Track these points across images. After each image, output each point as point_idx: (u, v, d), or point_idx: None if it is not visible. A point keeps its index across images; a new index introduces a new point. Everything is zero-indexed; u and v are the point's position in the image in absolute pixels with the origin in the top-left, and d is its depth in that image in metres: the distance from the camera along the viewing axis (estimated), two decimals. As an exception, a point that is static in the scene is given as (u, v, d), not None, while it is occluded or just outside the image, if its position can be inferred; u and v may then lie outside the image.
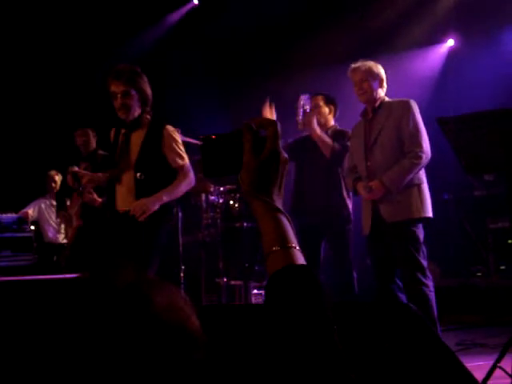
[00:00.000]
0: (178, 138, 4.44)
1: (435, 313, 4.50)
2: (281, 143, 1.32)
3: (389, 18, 7.77)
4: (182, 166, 4.36)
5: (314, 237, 5.46)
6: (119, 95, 4.25)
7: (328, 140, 5.42)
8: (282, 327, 1.12)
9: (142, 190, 4.24)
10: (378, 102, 4.82)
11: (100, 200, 4.95)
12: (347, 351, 1.15)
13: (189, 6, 8.85)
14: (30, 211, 7.68)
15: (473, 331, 5.72)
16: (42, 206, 7.89)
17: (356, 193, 4.90)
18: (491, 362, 3.53)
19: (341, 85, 6.89)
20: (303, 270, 1.20)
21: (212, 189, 6.10)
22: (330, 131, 5.56)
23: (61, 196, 7.80)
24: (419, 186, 4.68)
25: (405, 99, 4.80)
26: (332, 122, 5.64)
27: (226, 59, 8.54)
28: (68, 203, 7.47)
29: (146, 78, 4.37)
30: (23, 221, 7.42)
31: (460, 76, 7.42)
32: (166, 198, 4.27)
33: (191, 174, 4.42)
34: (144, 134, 4.35)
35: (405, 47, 7.70)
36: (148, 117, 4.37)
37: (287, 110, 5.73)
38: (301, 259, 1.23)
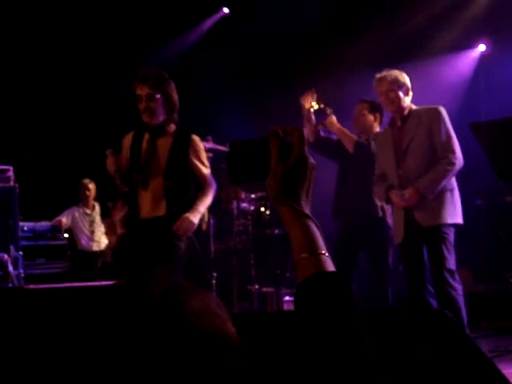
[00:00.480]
0: (203, 147, 4.46)
1: (464, 316, 4.51)
2: (307, 149, 1.32)
3: (419, 24, 7.74)
4: (207, 176, 4.40)
5: (352, 244, 5.45)
6: (144, 98, 4.21)
7: (350, 134, 5.47)
8: (312, 335, 1.12)
9: (172, 198, 4.25)
10: (407, 111, 4.81)
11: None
12: (382, 358, 1.15)
13: (219, 15, 8.89)
14: (64, 219, 7.77)
15: (506, 338, 5.65)
16: (76, 214, 7.96)
17: (388, 201, 4.88)
18: (525, 369, 3.50)
19: (370, 90, 6.88)
20: (333, 277, 1.20)
21: (243, 196, 6.13)
22: (370, 137, 5.54)
23: (103, 202, 7.86)
24: (452, 191, 4.69)
25: (433, 106, 4.79)
26: (377, 129, 5.62)
27: (256, 67, 8.56)
28: (110, 208, 7.50)
29: (173, 84, 4.34)
30: (57, 229, 7.50)
31: (491, 81, 7.36)
32: (202, 210, 4.33)
33: (214, 184, 4.46)
34: (171, 141, 4.33)
35: (435, 53, 7.66)
36: (173, 125, 4.37)
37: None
38: (330, 266, 1.22)
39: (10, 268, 5.82)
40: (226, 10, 8.86)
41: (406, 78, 4.83)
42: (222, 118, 7.74)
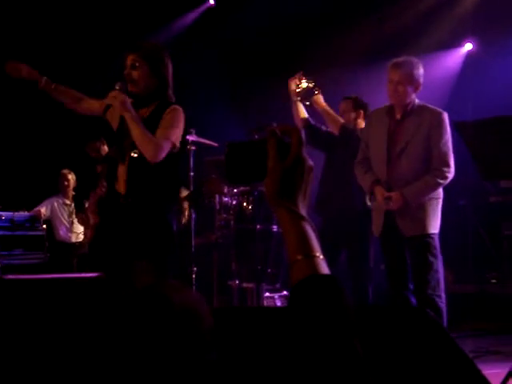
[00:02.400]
0: (180, 117, 3.95)
1: (444, 318, 4.50)
2: (305, 150, 1.31)
3: (407, 21, 7.73)
4: (161, 139, 3.82)
5: (335, 241, 5.41)
6: (128, 66, 3.92)
7: (336, 115, 5.43)
8: (305, 337, 1.12)
9: (136, 170, 3.87)
10: (410, 106, 4.69)
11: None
12: (366, 356, 1.15)
13: (204, 7, 8.83)
14: (43, 210, 7.69)
15: (487, 338, 5.67)
16: (55, 204, 7.89)
17: (371, 195, 4.78)
18: (506, 370, 3.51)
19: (358, 86, 6.86)
20: (327, 279, 1.20)
21: (225, 190, 6.08)
22: (359, 132, 5.51)
23: (78, 197, 7.81)
24: (437, 200, 4.65)
25: (438, 110, 4.67)
26: (362, 126, 5.58)
27: (240, 60, 8.53)
28: (86, 205, 7.47)
29: (168, 61, 4.08)
30: (36, 219, 7.43)
31: (478, 80, 7.37)
32: (136, 120, 3.81)
33: (160, 151, 3.80)
34: (149, 112, 3.96)
35: (422, 50, 7.64)
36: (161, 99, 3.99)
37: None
38: (325, 269, 1.23)
39: (-13, 258, 5.76)
40: (211, 1, 8.81)
41: (420, 72, 4.69)
42: (207, 111, 7.70)
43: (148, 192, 3.88)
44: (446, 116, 4.62)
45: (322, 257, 1.24)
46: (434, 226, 4.61)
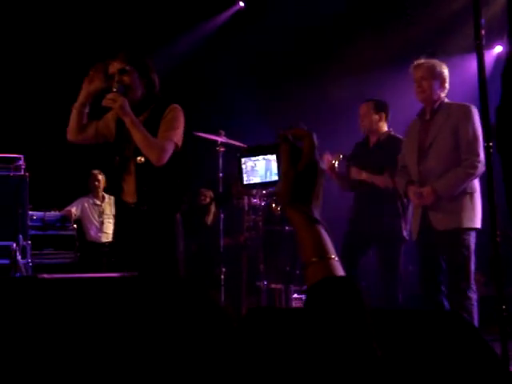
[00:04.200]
0: (180, 117, 3.92)
1: (475, 323, 4.44)
2: (317, 153, 1.33)
3: (436, 24, 7.70)
4: (164, 141, 3.83)
5: (362, 243, 5.41)
6: (116, 73, 3.84)
7: (381, 178, 5.35)
8: (321, 340, 1.12)
9: (143, 176, 3.86)
10: (438, 104, 4.69)
11: None
12: (394, 359, 1.15)
13: (234, 9, 8.87)
14: (74, 210, 7.76)
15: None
16: (85, 204, 7.97)
17: (406, 196, 4.81)
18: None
19: (384, 89, 6.84)
20: (343, 281, 1.20)
21: (254, 191, 6.11)
22: (382, 137, 5.52)
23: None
24: (471, 194, 4.57)
25: (466, 104, 4.66)
26: (385, 128, 5.58)
27: (267, 62, 8.54)
28: None
29: (150, 60, 3.99)
30: (66, 219, 7.49)
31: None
32: (136, 124, 3.78)
33: (164, 153, 3.81)
34: (147, 115, 3.92)
35: (451, 53, 7.62)
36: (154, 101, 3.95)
37: (326, 115, 5.73)
38: (340, 271, 1.23)
39: (19, 257, 5.82)
40: (241, 3, 8.84)
41: (444, 69, 4.72)
42: (236, 113, 7.72)
43: (158, 196, 3.89)
44: (474, 108, 4.56)
45: (336, 259, 1.25)
46: (470, 221, 4.52)
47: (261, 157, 1.42)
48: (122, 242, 4.04)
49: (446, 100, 4.73)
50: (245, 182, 1.45)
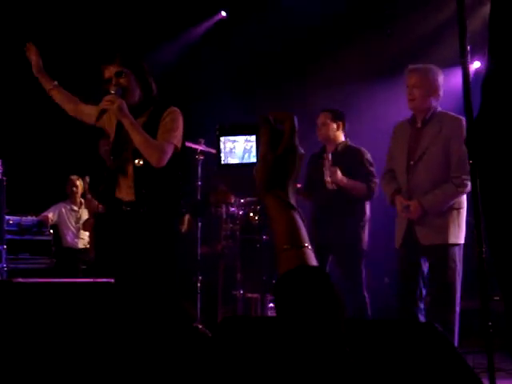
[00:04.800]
0: (179, 119, 3.90)
1: (456, 340, 4.44)
2: (297, 138, 1.30)
3: (415, 38, 7.77)
4: (163, 143, 3.80)
5: (322, 253, 5.36)
6: (113, 77, 3.81)
7: (360, 185, 5.38)
8: (292, 328, 1.10)
9: (142, 178, 3.82)
10: (429, 113, 4.61)
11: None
12: (368, 368, 1.14)
13: (216, 18, 8.89)
14: (51, 215, 7.73)
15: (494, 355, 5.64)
16: (63, 210, 7.93)
17: (393, 203, 4.75)
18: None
19: (367, 101, 6.90)
20: (316, 271, 1.17)
21: (233, 200, 6.12)
22: (339, 147, 5.54)
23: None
24: (458, 210, 4.55)
25: (459, 117, 4.52)
26: (342, 138, 5.61)
27: (251, 71, 8.57)
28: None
29: (145, 63, 3.96)
30: (43, 224, 7.46)
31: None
32: (135, 126, 3.76)
33: (164, 155, 3.78)
34: (146, 118, 3.89)
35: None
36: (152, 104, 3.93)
37: (309, 125, 5.75)
38: (313, 260, 1.20)
39: (-6, 261, 5.79)
40: (223, 13, 8.86)
41: (438, 77, 4.61)
42: (215, 121, 7.72)
43: (158, 198, 3.86)
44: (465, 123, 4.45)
45: (310, 247, 1.22)
46: (455, 237, 4.50)
47: (240, 137, 1.38)
48: (117, 245, 3.96)
49: (439, 109, 4.65)
50: (222, 163, 1.40)
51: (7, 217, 6.80)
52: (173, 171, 3.89)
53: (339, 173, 5.30)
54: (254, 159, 1.37)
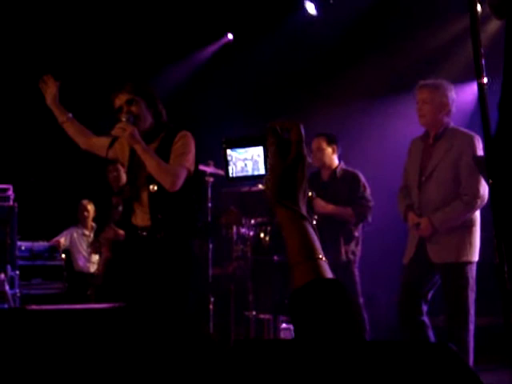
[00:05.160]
0: (191, 143, 3.94)
1: (471, 358, 4.41)
2: (304, 146, 1.28)
3: (421, 56, 7.79)
4: (176, 167, 3.84)
5: None
6: (124, 105, 3.87)
7: (346, 211, 5.46)
8: (309, 342, 1.07)
9: (157, 204, 3.86)
10: (441, 129, 4.59)
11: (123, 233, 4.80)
12: None
13: (223, 41, 8.96)
14: (62, 240, 7.75)
15: (508, 372, 5.61)
16: (74, 235, 7.95)
17: (406, 220, 4.74)
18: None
19: (369, 121, 6.91)
20: (332, 284, 1.15)
21: (243, 221, 6.13)
22: (338, 173, 5.58)
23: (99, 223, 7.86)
24: (470, 228, 4.52)
25: (471, 133, 4.54)
26: (336, 161, 5.66)
27: (257, 94, 8.61)
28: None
29: (153, 90, 4.02)
30: (55, 249, 7.48)
31: (492, 114, 7.38)
32: (148, 151, 3.79)
33: (177, 179, 3.81)
34: (157, 144, 3.93)
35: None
36: (163, 130, 3.98)
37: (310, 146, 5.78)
38: (328, 272, 1.18)
39: (7, 287, 5.80)
40: (230, 36, 8.92)
41: (448, 92, 4.58)
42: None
43: (174, 222, 3.89)
44: (477, 140, 4.46)
45: (324, 259, 1.19)
46: (467, 255, 4.47)
47: (247, 149, 1.35)
48: (134, 271, 4.00)
49: (452, 125, 4.63)
50: (230, 176, 1.38)
51: (19, 243, 6.82)
52: (187, 195, 3.92)
53: (321, 203, 5.42)
54: (262, 171, 1.34)
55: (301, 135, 1.27)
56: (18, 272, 6.35)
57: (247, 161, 1.35)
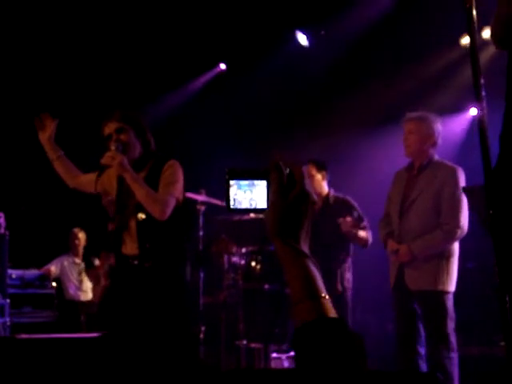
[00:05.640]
0: (179, 172, 3.95)
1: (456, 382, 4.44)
2: (308, 184, 1.27)
3: (413, 86, 7.87)
4: (165, 196, 3.84)
5: None
6: (113, 133, 3.87)
7: (362, 234, 5.49)
8: (305, 374, 1.05)
9: (145, 232, 3.87)
10: (426, 160, 4.67)
11: None
12: None
13: (216, 71, 9.03)
14: (53, 268, 7.74)
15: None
16: (65, 263, 7.94)
17: (385, 246, 4.81)
18: None
19: (364, 149, 6.97)
20: (335, 323, 1.13)
21: (234, 250, 6.13)
22: (330, 199, 5.62)
23: (88, 255, 7.85)
24: (448, 258, 4.57)
25: (454, 166, 4.64)
26: (326, 188, 5.71)
27: (250, 123, 8.66)
28: (97, 262, 7.50)
29: (143, 118, 4.03)
30: (45, 277, 7.45)
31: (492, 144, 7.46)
32: (138, 180, 3.80)
33: (166, 208, 3.81)
34: (146, 172, 3.95)
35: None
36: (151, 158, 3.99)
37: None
38: (332, 311, 1.16)
39: (-3, 316, 5.77)
40: (222, 66, 8.99)
41: (434, 126, 4.67)
42: (216, 171, 7.78)
43: (162, 252, 3.89)
44: (460, 172, 4.57)
45: (327, 297, 1.18)
46: (446, 284, 4.51)
47: (250, 181, 1.35)
48: (123, 300, 3.99)
49: (436, 157, 4.71)
50: (231, 207, 1.38)
51: (10, 271, 6.79)
52: (175, 224, 3.92)
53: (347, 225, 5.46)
54: (263, 205, 1.34)
55: (303, 175, 1.27)
56: (8, 300, 6.31)
57: (249, 193, 1.35)
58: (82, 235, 7.99)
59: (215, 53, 8.71)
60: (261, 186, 1.33)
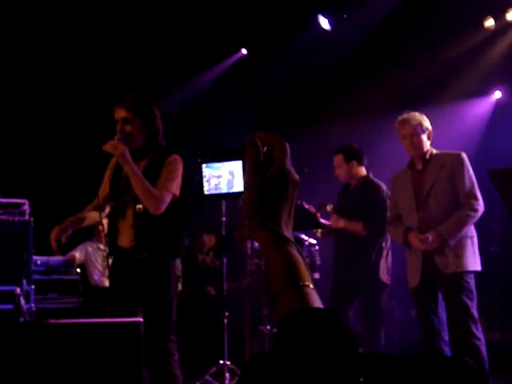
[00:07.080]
0: (180, 168, 3.97)
1: (487, 366, 4.45)
2: (290, 163, 1.13)
3: (437, 71, 7.81)
4: (162, 192, 3.87)
5: (346, 293, 5.55)
6: (119, 121, 3.91)
7: (357, 226, 5.50)
8: (296, 378, 0.94)
9: (142, 224, 3.92)
10: (428, 155, 4.83)
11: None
12: None
13: (237, 56, 9.00)
14: (77, 254, 7.78)
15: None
16: (89, 249, 7.98)
17: (406, 243, 4.83)
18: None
19: (388, 135, 6.92)
20: (320, 313, 1.00)
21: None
22: (358, 183, 5.61)
23: None
24: (472, 238, 4.70)
25: (456, 152, 4.81)
26: (362, 173, 5.70)
27: (271, 108, 8.64)
28: None
29: (155, 108, 4.01)
30: (70, 264, 7.50)
31: (507, 127, 7.39)
32: (137, 173, 3.82)
33: (162, 204, 3.86)
34: (147, 162, 3.99)
35: (453, 99, 7.72)
36: (154, 147, 4.01)
37: (326, 161, 5.80)
38: (317, 301, 1.04)
39: (22, 302, 5.82)
40: (244, 51, 8.96)
41: (427, 122, 4.86)
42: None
43: (157, 244, 3.95)
44: (464, 155, 4.74)
45: (311, 286, 1.06)
46: (474, 264, 4.64)
47: (225, 163, 1.27)
48: (118, 288, 4.10)
49: (434, 150, 4.86)
50: (206, 192, 1.30)
51: (35, 257, 6.84)
52: (171, 217, 3.98)
53: (334, 218, 5.56)
54: (239, 188, 1.27)
55: (285, 152, 1.13)
56: (33, 286, 6.36)
57: (221, 178, 1.27)
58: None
59: (237, 38, 8.69)
60: (236, 168, 1.25)
